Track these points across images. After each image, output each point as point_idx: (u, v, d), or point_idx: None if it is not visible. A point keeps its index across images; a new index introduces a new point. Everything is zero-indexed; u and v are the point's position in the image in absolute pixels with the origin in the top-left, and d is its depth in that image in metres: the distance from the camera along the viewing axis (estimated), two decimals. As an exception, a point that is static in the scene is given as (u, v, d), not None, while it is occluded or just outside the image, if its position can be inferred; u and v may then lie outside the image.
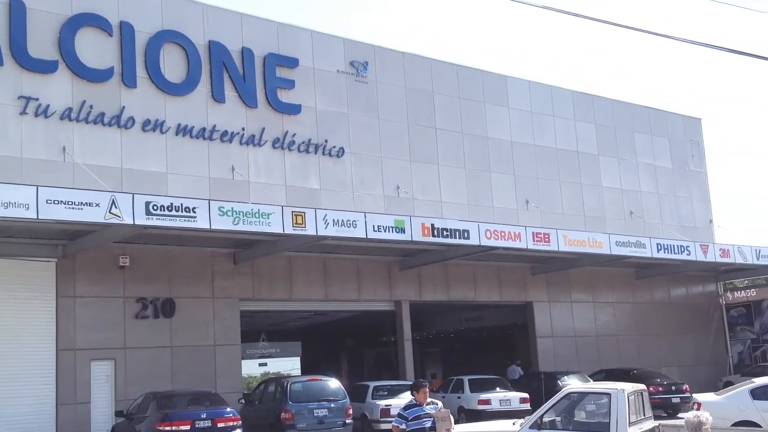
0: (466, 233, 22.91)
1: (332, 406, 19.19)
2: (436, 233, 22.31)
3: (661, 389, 24.94)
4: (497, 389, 23.89)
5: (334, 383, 20.19)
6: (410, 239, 21.98)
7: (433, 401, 10.54)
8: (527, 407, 21.92)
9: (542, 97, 31.58)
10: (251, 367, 30.07)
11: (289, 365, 31.39)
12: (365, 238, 21.22)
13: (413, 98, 27.79)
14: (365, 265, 25.73)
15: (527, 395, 23.24)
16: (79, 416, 19.95)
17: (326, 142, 25.27)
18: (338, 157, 25.49)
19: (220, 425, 17.01)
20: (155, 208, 17.71)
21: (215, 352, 22.40)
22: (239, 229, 19.06)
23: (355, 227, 20.81)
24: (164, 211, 17.81)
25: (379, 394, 21.91)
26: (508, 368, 30.27)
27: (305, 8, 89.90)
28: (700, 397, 17.27)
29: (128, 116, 21.65)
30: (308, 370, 29.95)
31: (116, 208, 17.19)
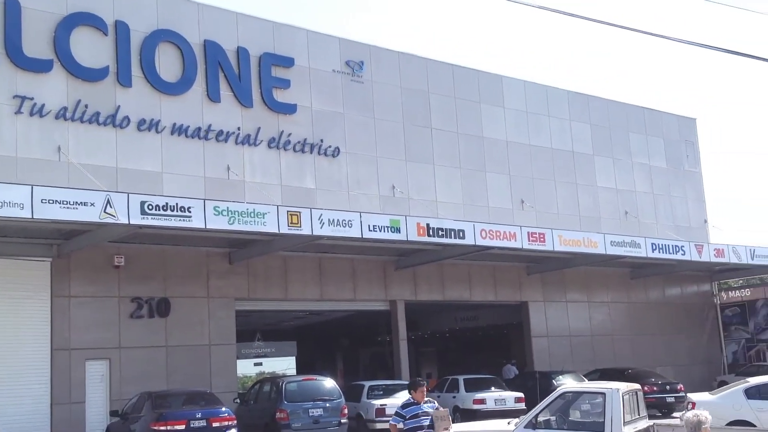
0: (461, 233, 22.92)
1: (327, 405, 19.20)
2: (431, 233, 22.31)
3: (655, 389, 25.00)
4: (492, 389, 23.93)
5: (329, 383, 20.20)
6: (405, 239, 21.98)
7: (430, 400, 10.57)
8: (522, 407, 21.95)
9: (537, 97, 31.62)
10: (246, 366, 30.05)
11: (284, 365, 31.39)
12: (361, 237, 21.22)
13: (409, 98, 27.80)
14: (360, 264, 25.73)
15: (522, 395, 23.29)
16: (73, 416, 19.91)
17: (322, 141, 25.27)
18: (334, 156, 25.49)
19: (215, 425, 17.00)
20: (150, 207, 17.67)
21: (210, 351, 22.39)
22: (234, 228, 19.04)
23: (350, 227, 20.81)
24: (159, 210, 17.78)
25: (374, 393, 21.92)
26: (503, 368, 30.32)
27: (301, 8, 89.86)
28: (694, 396, 17.29)
29: (123, 116, 21.62)
30: (303, 369, 29.95)
31: (111, 207, 17.16)
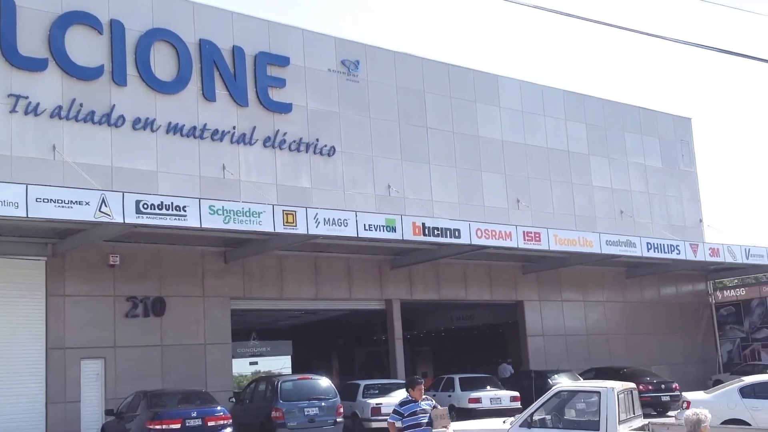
0: (457, 232, 22.93)
1: (323, 404, 19.18)
2: (427, 232, 22.31)
3: (650, 388, 25.04)
4: (488, 388, 23.94)
5: (324, 382, 20.18)
6: (401, 238, 21.97)
7: (427, 398, 10.58)
8: (518, 406, 21.97)
9: (533, 96, 31.64)
10: (242, 365, 30.07)
11: (279, 364, 31.42)
12: (356, 237, 21.21)
13: (404, 97, 27.80)
14: (356, 264, 25.72)
15: (518, 394, 23.30)
16: (69, 415, 19.88)
17: (317, 141, 25.26)
18: (329, 156, 25.47)
19: (210, 424, 16.98)
20: (145, 206, 17.65)
21: (206, 350, 22.36)
22: (230, 227, 19.02)
23: (346, 226, 20.80)
24: (154, 209, 17.75)
25: (369, 392, 21.90)
26: (498, 367, 30.33)
27: (296, 7, 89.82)
28: (689, 395, 17.32)
29: (118, 114, 21.58)
30: (299, 368, 29.98)
31: (106, 206, 17.12)
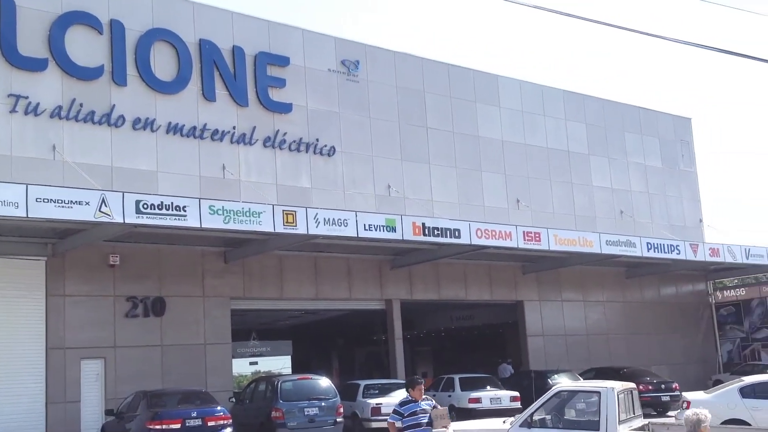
0: (457, 232, 22.92)
1: (323, 404, 19.17)
2: (427, 232, 22.31)
3: (650, 388, 25.04)
4: (488, 388, 23.94)
5: (324, 382, 20.18)
6: (401, 238, 21.97)
7: (427, 398, 10.58)
8: (518, 406, 21.97)
9: (533, 96, 31.63)
10: (242, 365, 30.08)
11: (279, 364, 31.42)
12: (356, 237, 21.21)
13: (404, 97, 27.80)
14: (356, 264, 25.72)
15: (518, 394, 23.30)
16: (69, 415, 19.88)
17: (317, 141, 25.26)
18: (329, 156, 25.47)
19: (210, 424, 16.98)
20: (145, 206, 17.65)
21: (206, 350, 22.36)
22: (230, 227, 19.02)
23: (346, 226, 20.80)
24: (154, 209, 17.75)
25: (369, 392, 21.90)
26: (498, 367, 30.33)
27: (296, 7, 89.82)
28: (689, 395, 17.32)
29: (118, 114, 21.58)
30: (299, 368, 29.98)
31: (106, 206, 17.12)
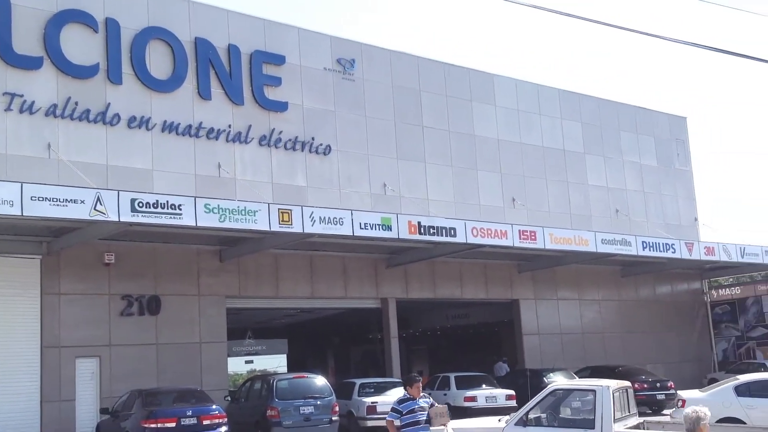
0: (452, 231, 22.93)
1: (318, 403, 19.17)
2: (422, 231, 22.31)
3: (646, 386, 25.11)
4: (483, 386, 23.98)
5: (320, 380, 20.18)
6: (397, 237, 21.96)
7: (425, 395, 10.58)
8: (513, 404, 22.04)
9: (529, 95, 31.66)
10: (237, 364, 30.09)
11: (275, 362, 31.43)
12: (352, 235, 21.20)
13: (400, 96, 27.79)
14: (352, 262, 25.71)
15: (513, 392, 23.37)
16: (63, 414, 19.85)
17: (313, 139, 25.25)
18: (325, 154, 25.46)
19: (205, 422, 16.99)
20: (141, 205, 17.63)
21: (201, 349, 22.34)
22: (225, 226, 19.00)
23: (341, 225, 20.79)
24: (150, 208, 17.73)
25: (365, 391, 21.92)
26: (494, 365, 30.37)
27: (292, 6, 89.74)
28: (684, 393, 17.34)
29: (114, 113, 21.55)
30: (294, 367, 29.99)
31: (101, 205, 17.10)
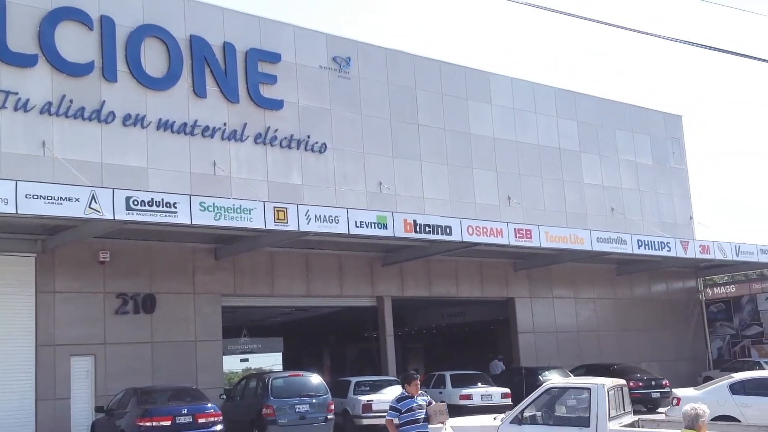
0: (448, 229, 22.94)
1: (314, 401, 19.16)
2: (418, 229, 22.30)
3: (641, 384, 25.14)
4: (479, 384, 23.98)
5: (315, 379, 20.17)
6: (392, 235, 21.96)
7: (423, 393, 10.56)
8: (508, 402, 22.02)
9: (525, 93, 31.67)
10: (233, 362, 30.03)
11: (270, 361, 31.37)
12: (347, 233, 21.19)
13: (396, 94, 27.78)
14: (347, 260, 25.70)
15: (508, 390, 23.35)
16: (58, 412, 19.81)
17: (308, 137, 25.23)
18: (320, 152, 25.44)
19: (200, 421, 16.96)
20: (136, 203, 17.60)
21: (196, 347, 22.31)
22: (220, 224, 18.98)
23: (337, 223, 20.79)
24: (145, 206, 17.71)
25: (360, 389, 21.90)
26: (489, 363, 30.39)
27: (288, 3, 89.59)
28: (679, 392, 17.34)
29: (109, 111, 21.51)
30: (290, 365, 29.94)
31: (96, 203, 17.07)
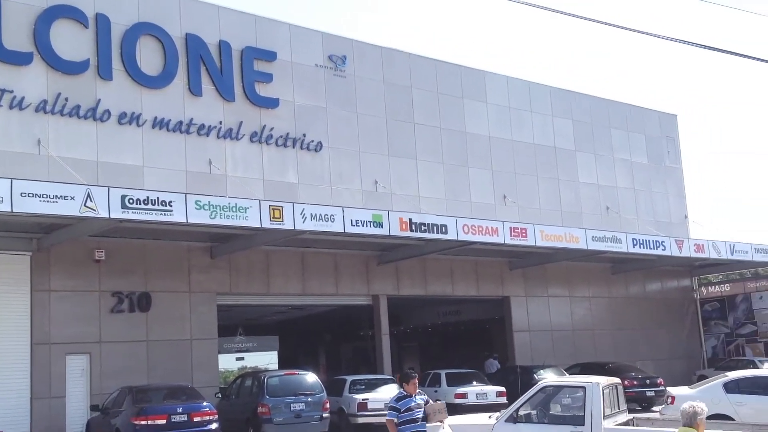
0: (443, 228, 22.96)
1: (309, 400, 19.18)
2: (413, 228, 22.31)
3: (635, 383, 25.20)
4: (474, 383, 23.99)
5: (311, 377, 20.20)
6: (388, 234, 21.97)
7: (420, 392, 10.56)
8: (504, 401, 22.05)
9: (520, 92, 31.69)
10: (228, 361, 30.03)
11: (266, 359, 31.38)
12: (343, 232, 21.19)
13: (392, 93, 27.78)
14: (343, 259, 25.71)
15: (504, 389, 23.37)
16: (53, 411, 19.79)
17: (304, 136, 25.22)
18: (316, 151, 25.44)
19: (196, 419, 16.96)
20: (131, 201, 17.59)
21: (192, 346, 22.30)
22: (216, 223, 18.97)
23: (332, 221, 20.79)
24: (140, 204, 17.69)
25: (356, 388, 21.91)
26: (485, 362, 30.41)
27: (283, 2, 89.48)
28: (674, 390, 17.38)
29: (104, 109, 21.48)
30: (285, 364, 29.97)
31: (91, 201, 17.05)
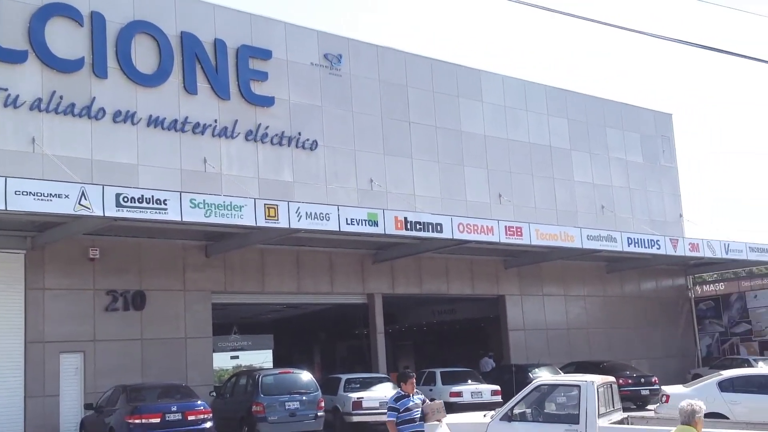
0: (439, 227, 22.96)
1: (304, 398, 19.17)
2: (409, 226, 22.31)
3: (630, 381, 25.22)
4: (469, 382, 24.00)
5: (305, 376, 20.19)
6: (383, 232, 21.96)
7: (418, 391, 10.55)
8: (498, 399, 22.06)
9: (516, 91, 31.71)
10: (223, 359, 29.96)
11: (261, 358, 31.31)
12: (338, 231, 21.17)
13: (387, 92, 27.78)
14: (338, 258, 25.70)
15: (499, 387, 23.39)
16: (47, 409, 19.76)
17: (299, 134, 25.20)
18: (311, 150, 25.42)
19: (190, 418, 16.93)
20: (126, 199, 17.55)
21: (186, 344, 22.27)
22: (211, 221, 18.95)
23: (328, 220, 20.77)
24: (135, 203, 17.66)
25: (351, 386, 21.88)
26: (480, 361, 30.43)
27: (279, 0, 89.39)
28: (668, 389, 17.40)
29: (99, 107, 21.44)
30: (280, 363, 29.90)
31: (86, 199, 17.02)
